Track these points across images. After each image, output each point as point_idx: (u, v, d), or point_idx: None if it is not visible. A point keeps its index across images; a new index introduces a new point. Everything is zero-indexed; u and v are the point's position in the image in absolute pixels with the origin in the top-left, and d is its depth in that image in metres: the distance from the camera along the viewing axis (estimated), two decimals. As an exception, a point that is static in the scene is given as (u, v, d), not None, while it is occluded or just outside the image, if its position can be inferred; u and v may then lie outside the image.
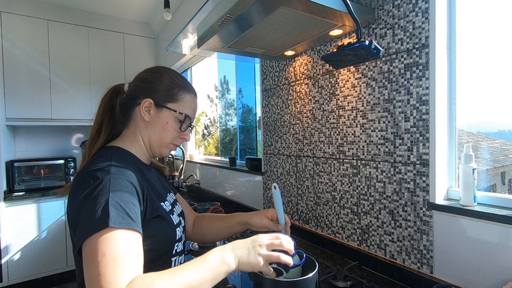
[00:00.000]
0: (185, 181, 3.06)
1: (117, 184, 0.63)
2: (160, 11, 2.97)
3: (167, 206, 0.80)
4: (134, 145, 0.81)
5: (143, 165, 0.82)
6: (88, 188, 0.61)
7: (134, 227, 0.60)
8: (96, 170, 0.65)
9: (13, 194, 2.69)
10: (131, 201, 0.63)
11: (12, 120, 2.80)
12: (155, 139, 0.81)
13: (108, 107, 0.82)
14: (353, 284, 1.06)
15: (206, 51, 1.49)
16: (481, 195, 0.99)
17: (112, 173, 0.64)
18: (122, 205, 0.61)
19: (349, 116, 1.31)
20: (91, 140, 0.80)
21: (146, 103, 0.78)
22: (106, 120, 0.81)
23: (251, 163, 2.03)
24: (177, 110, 0.80)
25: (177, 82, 0.82)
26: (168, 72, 0.83)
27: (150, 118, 0.79)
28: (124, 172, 0.67)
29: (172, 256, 0.78)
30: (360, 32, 0.95)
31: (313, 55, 1.50)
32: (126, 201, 0.62)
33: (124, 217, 0.59)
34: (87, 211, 0.59)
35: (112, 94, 0.84)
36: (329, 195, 1.43)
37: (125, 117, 0.83)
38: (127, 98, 0.82)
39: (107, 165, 0.66)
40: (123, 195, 0.62)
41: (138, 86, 0.81)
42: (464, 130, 1.14)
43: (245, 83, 2.78)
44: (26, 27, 2.85)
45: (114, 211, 0.59)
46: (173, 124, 0.81)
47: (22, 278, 2.63)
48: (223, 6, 1.12)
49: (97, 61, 3.21)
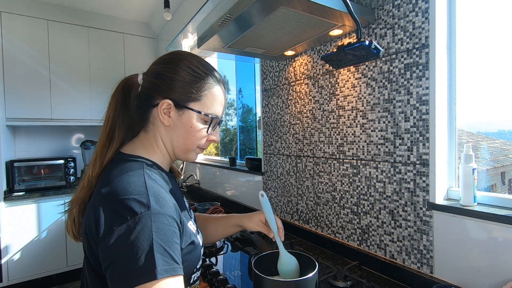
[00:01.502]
0: (185, 181, 3.06)
1: (159, 222, 0.54)
2: (160, 11, 2.97)
3: (192, 224, 0.72)
4: (156, 152, 0.70)
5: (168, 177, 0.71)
6: (124, 224, 0.52)
7: (180, 272, 0.54)
8: (132, 200, 0.54)
9: (13, 194, 2.69)
10: (175, 241, 0.55)
11: (12, 120, 2.80)
12: (178, 145, 0.70)
13: (120, 106, 0.70)
14: (353, 284, 1.06)
15: (206, 51, 1.49)
16: (481, 195, 0.99)
17: (153, 209, 0.54)
18: (167, 249, 0.53)
19: (349, 116, 1.31)
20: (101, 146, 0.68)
21: (164, 105, 0.66)
22: (120, 121, 0.70)
23: (251, 163, 2.03)
24: (202, 111, 0.69)
25: (198, 73, 0.69)
26: (186, 61, 0.69)
27: (171, 121, 0.68)
28: (164, 205, 0.57)
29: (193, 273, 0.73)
30: (360, 32, 0.95)
31: (313, 55, 1.50)
32: (170, 243, 0.54)
33: (170, 263, 0.52)
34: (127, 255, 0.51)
35: (123, 90, 0.71)
36: (329, 195, 1.43)
37: (142, 119, 0.71)
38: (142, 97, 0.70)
39: (144, 194, 0.56)
40: (167, 236, 0.54)
41: (152, 83, 0.69)
42: (464, 130, 1.14)
43: (245, 83, 2.78)
44: (26, 27, 2.85)
45: (160, 258, 0.51)
46: (199, 126, 0.69)
47: (22, 278, 2.63)
48: (223, 6, 1.12)
49: (97, 61, 3.21)
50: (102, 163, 0.66)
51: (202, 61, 0.72)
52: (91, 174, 0.65)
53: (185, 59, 0.69)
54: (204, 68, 0.70)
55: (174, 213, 0.59)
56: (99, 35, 3.23)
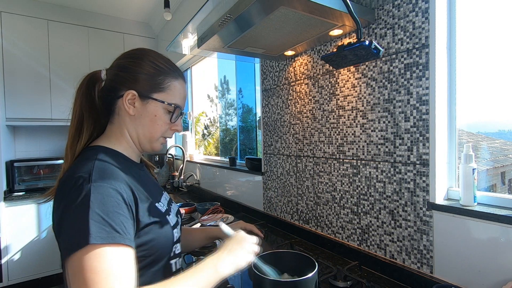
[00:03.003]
0: (185, 181, 3.06)
1: (99, 193, 0.56)
2: (160, 11, 2.97)
3: (162, 206, 0.75)
4: (121, 142, 0.74)
5: (133, 164, 0.75)
6: (68, 198, 0.57)
7: (120, 241, 0.55)
8: (77, 177, 0.58)
9: (13, 194, 2.69)
10: (117, 211, 0.57)
11: (12, 120, 2.80)
12: (143, 134, 0.74)
13: (86, 100, 0.73)
14: (353, 284, 1.06)
15: (206, 51, 1.49)
16: (481, 195, 0.99)
17: (93, 181, 0.58)
18: (105, 217, 0.55)
19: (349, 116, 1.31)
20: (71, 139, 0.71)
21: (129, 95, 0.70)
22: (86, 116, 0.73)
23: (251, 163, 2.03)
24: (165, 100, 0.73)
25: (161, 68, 0.73)
26: (150, 56, 0.74)
27: (136, 111, 0.72)
28: (109, 179, 0.60)
29: (171, 259, 0.74)
30: (360, 32, 0.95)
31: (313, 55, 1.50)
32: (111, 213, 0.56)
33: (108, 231, 0.54)
34: (67, 226, 0.55)
35: (88, 83, 0.74)
36: (329, 195, 1.43)
37: (107, 111, 0.75)
38: (107, 89, 0.73)
39: (88, 171, 0.60)
40: (107, 206, 0.56)
41: (117, 75, 0.72)
42: (464, 130, 1.14)
43: (245, 83, 2.78)
44: (26, 27, 2.85)
45: (96, 225, 0.53)
46: (162, 116, 0.73)
47: (22, 278, 2.63)
48: (223, 6, 1.12)
49: (97, 61, 3.21)
50: (73, 156, 0.70)
51: (165, 58, 0.77)
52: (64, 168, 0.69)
53: (149, 54, 0.74)
54: (166, 63, 0.75)
55: (120, 187, 0.61)
56: (99, 35, 3.23)
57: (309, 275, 0.81)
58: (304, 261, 0.92)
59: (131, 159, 0.76)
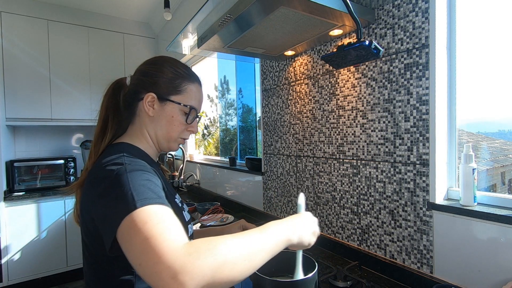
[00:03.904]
0: (185, 181, 3.06)
1: (134, 168, 0.61)
2: (160, 11, 2.97)
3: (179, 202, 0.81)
4: (142, 141, 0.79)
5: (153, 162, 0.80)
6: (105, 181, 0.60)
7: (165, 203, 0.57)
8: (110, 164, 0.63)
9: (13, 194, 2.69)
10: (152, 180, 0.61)
11: (12, 120, 2.80)
12: (162, 134, 0.79)
13: (111, 103, 0.80)
14: (353, 284, 1.06)
15: (206, 51, 1.49)
16: (481, 195, 0.99)
17: (127, 163, 0.63)
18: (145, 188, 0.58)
19: (349, 116, 1.31)
20: (96, 138, 0.78)
21: (149, 97, 0.76)
22: (111, 117, 0.79)
23: (251, 163, 2.03)
24: (182, 102, 0.78)
25: (179, 73, 0.79)
26: (169, 63, 0.80)
27: (155, 112, 0.77)
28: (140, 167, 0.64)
29: None
30: (360, 32, 0.95)
31: (313, 55, 1.50)
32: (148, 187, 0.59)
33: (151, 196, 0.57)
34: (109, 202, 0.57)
35: (114, 89, 0.81)
36: (329, 195, 1.43)
37: (130, 113, 0.80)
38: (129, 93, 0.80)
39: (120, 156, 0.65)
40: (143, 176, 0.60)
41: (139, 80, 0.79)
42: (464, 130, 1.14)
43: (245, 83, 2.78)
44: (26, 27, 2.85)
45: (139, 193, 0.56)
46: (179, 117, 0.79)
47: (22, 278, 2.63)
48: (223, 6, 1.12)
49: (97, 61, 3.21)
50: (98, 152, 0.75)
51: (183, 64, 0.83)
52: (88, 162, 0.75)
53: (169, 61, 0.81)
54: (184, 69, 0.81)
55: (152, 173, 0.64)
56: (99, 35, 3.23)
57: (309, 275, 0.81)
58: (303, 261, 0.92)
59: (150, 157, 0.81)
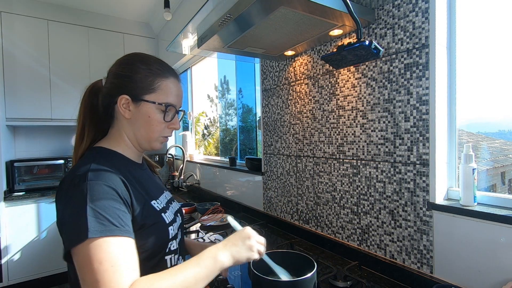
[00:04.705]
0: (185, 181, 3.06)
1: (95, 191, 0.60)
2: (160, 11, 2.97)
3: (159, 204, 0.78)
4: (120, 143, 0.78)
5: (131, 164, 0.79)
6: (67, 196, 0.62)
7: (118, 233, 0.59)
8: (75, 176, 0.63)
9: (13, 194, 2.69)
10: (113, 206, 0.61)
11: (12, 120, 2.80)
12: (141, 135, 0.77)
13: (88, 107, 0.79)
14: (353, 284, 1.06)
15: (206, 51, 1.49)
16: (481, 195, 0.99)
17: (89, 180, 0.62)
18: (102, 212, 0.59)
19: (349, 116, 1.31)
20: (76, 143, 0.78)
21: (123, 100, 0.74)
22: (88, 122, 0.79)
23: (251, 163, 2.03)
24: (157, 101, 0.75)
25: (151, 70, 0.76)
26: (140, 61, 0.76)
27: (131, 114, 0.75)
28: (103, 177, 0.64)
29: (166, 255, 0.76)
30: (360, 32, 0.95)
31: (313, 55, 1.50)
32: (107, 207, 0.60)
33: (105, 224, 0.58)
34: (67, 222, 0.60)
35: (90, 93, 0.80)
36: (329, 195, 1.43)
37: (109, 117, 0.79)
38: (105, 97, 0.78)
39: (85, 171, 0.64)
40: (103, 202, 0.60)
41: (111, 83, 0.77)
42: (464, 130, 1.14)
43: (245, 83, 2.78)
44: (26, 27, 2.85)
45: (93, 220, 0.57)
46: (156, 116, 0.76)
47: (22, 278, 2.62)
48: (223, 6, 1.12)
49: (97, 61, 3.21)
50: (77, 157, 0.77)
51: (155, 59, 0.79)
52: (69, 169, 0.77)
53: (140, 59, 0.77)
54: (157, 65, 0.77)
55: (115, 183, 0.65)
56: (99, 35, 3.23)
57: (308, 275, 0.81)
58: (303, 261, 0.92)
59: (130, 159, 0.80)
